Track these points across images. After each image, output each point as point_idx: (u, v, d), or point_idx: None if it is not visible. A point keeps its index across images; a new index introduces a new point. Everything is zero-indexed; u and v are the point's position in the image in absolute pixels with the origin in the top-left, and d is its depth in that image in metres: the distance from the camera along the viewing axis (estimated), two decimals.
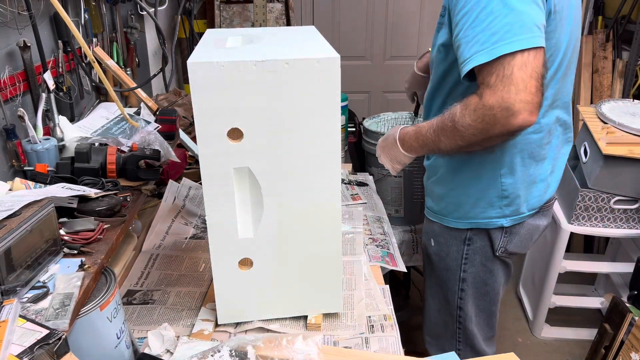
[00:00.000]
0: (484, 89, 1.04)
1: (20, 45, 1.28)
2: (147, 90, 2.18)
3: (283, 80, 0.87)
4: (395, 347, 1.04)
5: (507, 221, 1.34)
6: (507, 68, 1.01)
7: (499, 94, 1.01)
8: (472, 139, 1.09)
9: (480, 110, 1.04)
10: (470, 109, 1.07)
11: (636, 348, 1.70)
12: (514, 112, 1.01)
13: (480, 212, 1.34)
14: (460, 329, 1.56)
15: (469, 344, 1.59)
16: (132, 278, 1.25)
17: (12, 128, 1.23)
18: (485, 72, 1.04)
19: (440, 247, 1.47)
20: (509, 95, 1.00)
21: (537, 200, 1.35)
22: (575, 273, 2.34)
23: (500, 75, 1.01)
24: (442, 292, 1.53)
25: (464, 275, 1.46)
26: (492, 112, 1.03)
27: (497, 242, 1.38)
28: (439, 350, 1.67)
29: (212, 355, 0.90)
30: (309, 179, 0.95)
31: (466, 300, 1.50)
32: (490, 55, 1.01)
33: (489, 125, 1.05)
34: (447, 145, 1.15)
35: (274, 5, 2.65)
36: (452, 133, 1.12)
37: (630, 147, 1.95)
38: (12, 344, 0.71)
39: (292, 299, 1.06)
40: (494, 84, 1.02)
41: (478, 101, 1.05)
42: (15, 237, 0.85)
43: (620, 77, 2.63)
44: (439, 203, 1.44)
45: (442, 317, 1.58)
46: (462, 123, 1.08)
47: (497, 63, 1.02)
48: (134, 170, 1.30)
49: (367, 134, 2.13)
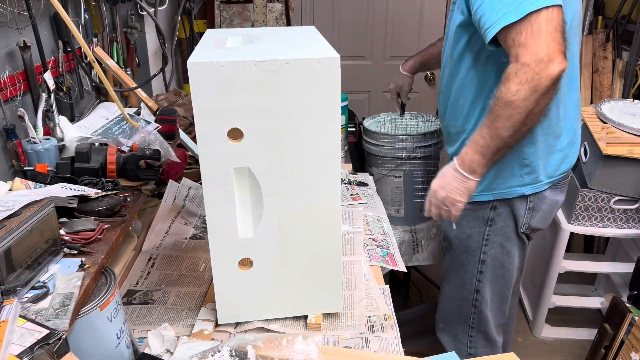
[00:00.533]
0: (515, 49, 1.13)
1: (20, 45, 1.28)
2: (147, 90, 2.18)
3: (283, 80, 0.87)
4: (395, 347, 1.04)
5: (527, 189, 1.41)
6: (535, 24, 1.11)
7: (531, 50, 1.11)
8: (526, 104, 1.15)
9: (520, 70, 1.12)
10: (510, 76, 1.14)
11: (636, 348, 1.70)
12: (549, 60, 1.11)
13: (502, 182, 1.41)
14: (475, 314, 1.61)
15: (481, 330, 1.63)
16: (132, 278, 1.25)
17: (12, 128, 1.23)
18: (514, 31, 1.13)
19: (461, 230, 1.51)
20: (540, 48, 1.11)
21: (555, 169, 1.43)
22: (575, 273, 2.34)
23: (529, 32, 1.11)
24: (460, 276, 1.58)
25: (484, 257, 1.52)
26: (531, 68, 1.11)
27: (521, 219, 1.45)
28: (450, 336, 1.71)
29: (212, 355, 0.90)
30: (309, 179, 0.95)
31: (484, 283, 1.55)
32: (517, 14, 1.11)
33: (534, 82, 1.12)
34: (508, 128, 1.18)
35: (274, 5, 2.65)
36: (506, 110, 1.16)
37: (630, 147, 1.95)
38: (12, 344, 0.71)
39: (292, 299, 1.06)
40: (524, 41, 1.12)
41: (515, 64, 1.14)
42: (15, 237, 0.85)
43: (620, 77, 2.63)
44: None
45: (456, 303, 1.63)
46: (510, 92, 1.15)
47: (525, 22, 1.12)
48: (134, 170, 1.30)
49: (367, 134, 2.13)
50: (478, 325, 1.63)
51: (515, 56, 1.15)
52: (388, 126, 2.13)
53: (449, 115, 1.50)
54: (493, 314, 1.61)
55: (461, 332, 1.67)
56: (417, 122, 2.16)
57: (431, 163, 2.07)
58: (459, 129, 1.48)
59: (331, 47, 0.93)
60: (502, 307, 1.63)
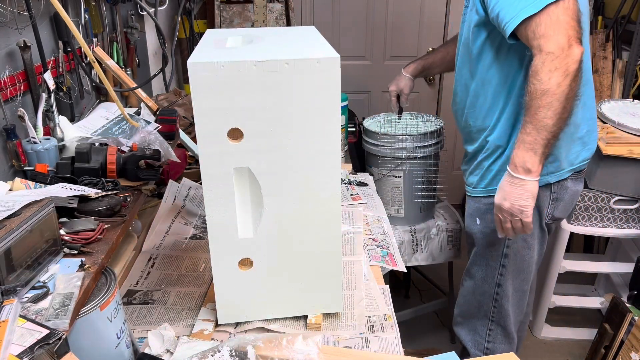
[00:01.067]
0: (537, 41, 1.19)
1: (21, 45, 1.28)
2: (147, 90, 2.18)
3: (283, 80, 0.87)
4: (395, 347, 1.04)
5: (552, 177, 1.46)
6: (553, 15, 1.17)
7: (553, 39, 1.17)
8: (561, 89, 1.20)
9: (547, 59, 1.18)
10: (538, 67, 1.19)
11: (636, 348, 1.70)
12: (570, 46, 1.18)
13: None
14: (495, 307, 1.64)
15: (501, 324, 1.66)
16: (132, 278, 1.25)
17: (12, 128, 1.23)
18: (534, 24, 1.19)
19: (486, 224, 1.55)
20: (561, 37, 1.17)
21: (575, 157, 1.47)
22: (575, 273, 2.34)
23: (548, 23, 1.18)
24: (482, 270, 1.61)
25: (507, 251, 1.55)
26: (556, 55, 1.18)
27: (545, 209, 1.50)
28: (469, 330, 1.72)
29: (212, 355, 0.90)
30: (309, 179, 0.95)
31: (506, 277, 1.59)
32: (536, 7, 1.18)
33: (563, 67, 1.18)
34: (551, 116, 1.22)
35: (274, 5, 2.65)
36: (545, 100, 1.21)
37: (630, 147, 1.95)
38: (12, 344, 0.71)
39: (292, 299, 1.06)
40: (545, 32, 1.18)
41: (539, 55, 1.19)
42: (15, 237, 0.85)
43: (620, 77, 2.63)
44: (487, 175, 1.52)
45: (477, 297, 1.66)
46: (543, 82, 1.20)
47: (543, 14, 1.18)
48: (134, 170, 1.30)
49: (367, 134, 2.13)
50: (498, 319, 1.65)
51: (538, 47, 1.20)
52: (388, 126, 2.13)
53: (468, 115, 1.53)
54: (513, 309, 1.64)
55: (480, 325, 1.69)
56: (417, 122, 2.16)
57: (431, 163, 2.07)
58: (479, 127, 1.51)
59: (331, 47, 0.93)
60: (521, 302, 1.66)
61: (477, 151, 1.55)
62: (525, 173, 1.28)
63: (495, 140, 1.47)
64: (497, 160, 1.50)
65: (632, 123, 2.02)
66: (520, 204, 1.32)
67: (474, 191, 1.60)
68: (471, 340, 1.73)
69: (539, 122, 1.24)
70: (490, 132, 1.48)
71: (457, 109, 1.58)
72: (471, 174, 1.60)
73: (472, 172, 1.59)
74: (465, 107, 1.52)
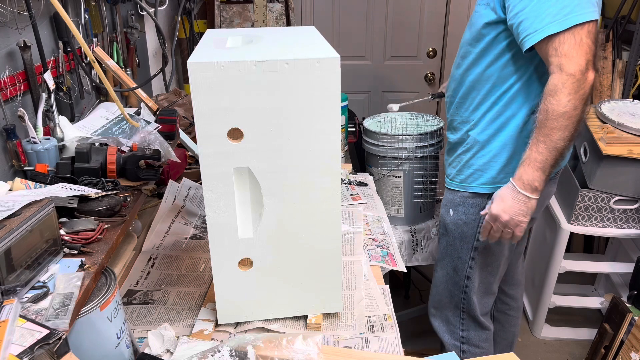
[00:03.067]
0: (559, 59, 1.20)
1: (21, 45, 1.28)
2: (147, 90, 2.18)
3: (283, 80, 0.87)
4: (395, 347, 1.04)
5: None
6: (577, 36, 1.18)
7: (575, 61, 1.18)
8: (577, 113, 1.22)
9: (568, 81, 1.19)
10: (558, 88, 1.20)
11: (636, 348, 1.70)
12: (587, 69, 1.20)
13: (504, 177, 1.46)
14: (464, 299, 1.67)
15: (471, 315, 1.69)
16: (132, 278, 1.25)
17: (12, 128, 1.23)
18: (557, 41, 1.20)
19: (458, 216, 1.57)
20: (582, 59, 1.19)
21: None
22: (575, 273, 2.34)
23: (572, 43, 1.19)
24: (453, 261, 1.64)
25: (477, 244, 1.57)
26: (577, 79, 1.19)
27: None
28: (442, 321, 1.75)
29: (212, 355, 0.90)
30: (309, 179, 0.95)
31: (474, 270, 1.61)
32: (563, 25, 1.18)
33: (582, 91, 1.20)
34: (565, 138, 1.24)
35: (274, 5, 2.65)
36: (561, 122, 1.22)
37: (630, 147, 1.95)
38: (12, 344, 0.71)
39: (292, 299, 1.06)
40: (568, 52, 1.19)
41: (560, 74, 1.20)
42: (15, 237, 0.85)
43: (620, 77, 2.63)
44: (465, 171, 1.53)
45: (448, 287, 1.68)
46: (562, 104, 1.21)
47: (568, 33, 1.19)
48: (134, 170, 1.30)
49: (367, 134, 2.13)
50: (468, 309, 1.68)
51: (558, 66, 1.20)
52: (388, 126, 2.13)
53: (458, 104, 1.54)
54: (479, 300, 1.67)
55: (453, 315, 1.72)
56: (417, 122, 2.16)
57: (431, 163, 2.07)
58: (464, 119, 1.53)
59: (331, 47, 0.93)
60: (487, 295, 1.68)
61: (458, 143, 1.57)
62: (532, 192, 1.31)
63: (476, 135, 1.49)
64: (476, 156, 1.51)
65: (632, 123, 2.02)
66: (519, 219, 1.35)
67: (451, 183, 1.62)
68: (446, 330, 1.75)
69: (552, 143, 1.24)
70: (473, 127, 1.50)
71: (450, 93, 1.59)
72: (450, 166, 1.62)
73: (450, 164, 1.62)
74: (457, 95, 1.53)
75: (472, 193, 1.54)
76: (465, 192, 1.56)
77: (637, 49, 2.50)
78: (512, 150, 1.45)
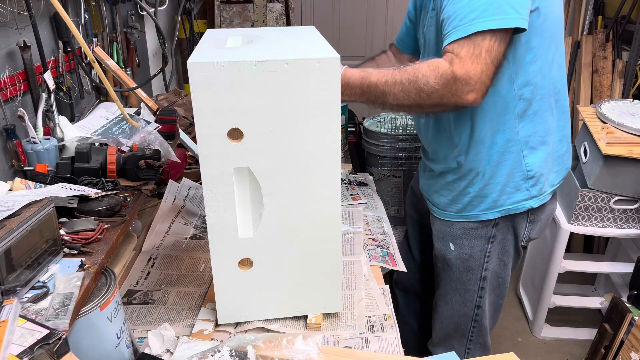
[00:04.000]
0: (453, 58, 1.09)
1: (21, 45, 1.28)
2: (147, 90, 2.18)
3: (283, 80, 0.87)
4: (395, 347, 1.04)
5: (535, 202, 1.35)
6: (477, 48, 1.08)
7: (467, 68, 1.07)
8: (427, 99, 1.13)
9: (447, 76, 1.09)
10: (438, 72, 1.10)
11: (636, 348, 1.70)
12: (473, 89, 1.09)
13: (507, 197, 1.34)
14: (474, 327, 1.55)
15: (480, 341, 1.59)
16: (132, 278, 1.25)
17: (12, 128, 1.23)
18: (459, 43, 1.09)
19: (462, 250, 1.43)
20: (474, 73, 1.08)
21: (555, 176, 1.39)
22: (575, 273, 2.34)
23: (470, 52, 1.08)
24: (460, 295, 1.51)
25: (485, 274, 1.46)
26: (456, 83, 1.09)
27: (521, 232, 1.40)
28: (446, 350, 1.65)
29: (212, 355, 0.90)
30: (309, 179, 0.95)
31: (484, 299, 1.50)
32: (465, 31, 1.08)
33: (449, 93, 1.10)
34: (396, 98, 1.15)
35: (274, 5, 2.65)
36: (411, 87, 1.13)
37: (630, 147, 1.95)
38: (12, 344, 0.71)
39: (292, 299, 1.06)
40: (464, 57, 1.08)
41: (447, 67, 1.09)
42: (15, 237, 0.85)
43: (620, 77, 2.63)
44: (461, 198, 1.39)
45: (454, 321, 1.56)
46: (425, 82, 1.11)
47: (468, 40, 1.08)
48: (134, 170, 1.30)
49: (367, 134, 2.13)
50: (477, 337, 1.58)
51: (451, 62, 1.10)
52: (388, 126, 2.13)
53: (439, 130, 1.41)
54: (490, 323, 1.58)
55: (458, 345, 1.61)
56: None
57: None
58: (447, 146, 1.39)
59: (331, 47, 0.93)
60: (496, 313, 1.59)
61: (445, 172, 1.41)
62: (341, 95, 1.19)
63: (469, 164, 1.34)
64: (473, 183, 1.36)
65: (632, 123, 2.02)
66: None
67: (444, 214, 1.45)
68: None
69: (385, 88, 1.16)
70: (460, 154, 1.35)
71: (424, 123, 1.45)
72: (436, 193, 1.45)
73: (437, 192, 1.45)
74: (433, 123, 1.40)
75: (476, 222, 1.39)
76: (467, 223, 1.40)
77: (637, 49, 2.50)
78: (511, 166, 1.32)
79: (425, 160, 1.51)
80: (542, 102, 1.27)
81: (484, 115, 1.27)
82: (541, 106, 1.27)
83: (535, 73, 1.24)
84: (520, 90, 1.24)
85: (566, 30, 2.95)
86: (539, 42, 1.21)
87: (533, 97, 1.26)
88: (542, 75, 1.25)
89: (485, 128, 1.29)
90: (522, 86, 1.24)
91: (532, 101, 1.26)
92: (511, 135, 1.28)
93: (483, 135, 1.30)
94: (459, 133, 1.33)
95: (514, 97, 1.25)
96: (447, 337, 1.63)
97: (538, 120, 1.28)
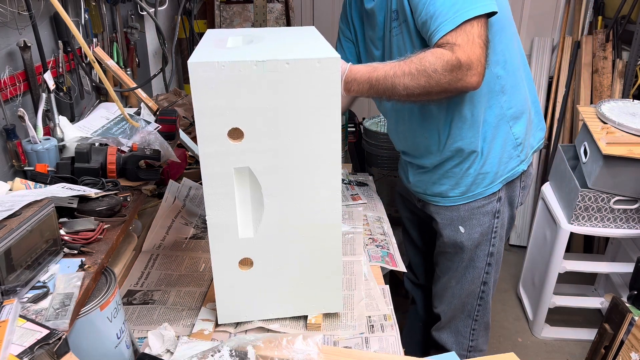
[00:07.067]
0: (453, 46, 1.15)
1: (21, 45, 1.28)
2: (147, 90, 2.18)
3: (283, 80, 0.87)
4: (395, 347, 1.05)
5: (524, 165, 1.48)
6: (469, 35, 1.15)
7: (468, 53, 1.14)
8: (435, 86, 1.17)
9: (453, 62, 1.15)
10: (443, 59, 1.15)
11: (636, 348, 1.70)
12: (475, 72, 1.16)
13: (504, 167, 1.45)
14: (480, 305, 1.62)
15: (484, 321, 1.66)
16: (132, 278, 1.25)
17: (13, 128, 1.23)
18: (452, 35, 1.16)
19: (472, 229, 1.51)
20: (475, 57, 1.15)
21: (534, 139, 1.52)
22: (575, 273, 2.34)
23: (465, 39, 1.15)
24: (469, 273, 1.58)
25: (492, 250, 1.54)
26: (461, 68, 1.15)
27: (516, 199, 1.53)
28: (450, 332, 1.71)
29: (212, 355, 0.90)
30: (309, 179, 0.95)
31: (490, 275, 1.58)
32: (454, 23, 1.15)
33: (455, 79, 1.16)
34: (406, 88, 1.19)
35: (274, 5, 2.65)
36: (420, 76, 1.17)
37: (630, 147, 1.95)
38: (12, 344, 0.71)
39: (292, 299, 1.06)
40: (462, 44, 1.15)
41: (451, 54, 1.15)
42: (15, 237, 0.85)
43: (620, 77, 2.63)
44: (463, 180, 1.45)
45: (461, 299, 1.63)
46: (434, 69, 1.16)
47: (459, 29, 1.15)
48: (134, 170, 1.30)
49: (367, 134, 2.13)
50: (481, 316, 1.65)
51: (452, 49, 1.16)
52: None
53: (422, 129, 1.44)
54: (492, 300, 1.66)
55: (463, 326, 1.67)
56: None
57: None
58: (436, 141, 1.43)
59: (331, 47, 0.93)
60: (494, 290, 1.67)
61: (441, 162, 1.45)
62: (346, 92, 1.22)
63: (468, 147, 1.39)
64: (473, 163, 1.42)
65: (632, 123, 2.02)
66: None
67: (448, 200, 1.49)
68: (454, 342, 1.69)
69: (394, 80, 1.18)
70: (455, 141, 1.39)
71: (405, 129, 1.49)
72: (435, 184, 1.49)
73: (435, 183, 1.49)
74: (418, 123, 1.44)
75: (481, 199, 1.45)
76: (473, 203, 1.46)
77: (637, 49, 2.50)
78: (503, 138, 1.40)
79: (411, 160, 1.55)
80: (515, 75, 1.37)
81: (473, 98, 1.35)
82: (515, 79, 1.38)
83: (504, 50, 1.32)
84: (495, 69, 1.32)
85: (566, 30, 2.96)
86: (499, 21, 1.28)
87: (507, 73, 1.35)
88: (508, 51, 1.34)
89: (476, 109, 1.36)
90: (495, 65, 1.31)
91: (506, 76, 1.35)
92: (498, 110, 1.38)
93: (476, 117, 1.37)
94: (450, 121, 1.39)
95: (492, 76, 1.33)
96: (452, 319, 1.68)
97: (516, 92, 1.39)
